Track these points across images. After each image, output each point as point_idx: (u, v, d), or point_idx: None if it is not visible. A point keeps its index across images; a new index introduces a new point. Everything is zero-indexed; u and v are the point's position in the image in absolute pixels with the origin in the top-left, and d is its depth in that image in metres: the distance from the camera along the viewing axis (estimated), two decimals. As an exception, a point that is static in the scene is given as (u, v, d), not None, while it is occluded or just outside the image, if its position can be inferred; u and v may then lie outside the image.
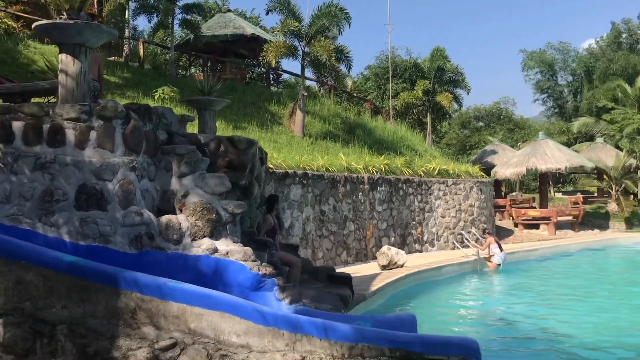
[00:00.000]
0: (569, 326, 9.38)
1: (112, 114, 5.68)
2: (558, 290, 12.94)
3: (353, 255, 15.16)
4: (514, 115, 48.77)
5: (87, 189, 5.56)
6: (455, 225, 18.65)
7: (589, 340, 8.37)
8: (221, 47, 26.22)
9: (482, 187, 20.03)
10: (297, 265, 8.33)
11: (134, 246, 5.59)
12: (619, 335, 8.72)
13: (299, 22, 19.25)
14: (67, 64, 5.90)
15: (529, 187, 41.80)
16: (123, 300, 4.40)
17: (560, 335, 8.74)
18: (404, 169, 17.83)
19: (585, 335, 8.72)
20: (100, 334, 4.38)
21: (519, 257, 17.30)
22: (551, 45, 48.05)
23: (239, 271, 5.82)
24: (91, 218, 5.52)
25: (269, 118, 20.30)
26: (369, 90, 34.66)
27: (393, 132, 24.42)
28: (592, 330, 9.02)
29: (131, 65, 21.14)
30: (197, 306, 4.46)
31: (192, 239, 5.82)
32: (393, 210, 16.72)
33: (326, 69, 20.08)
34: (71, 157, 5.60)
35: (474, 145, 43.11)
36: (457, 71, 29.90)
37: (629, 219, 24.75)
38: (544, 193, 26.12)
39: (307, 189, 13.93)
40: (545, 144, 25.33)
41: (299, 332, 4.53)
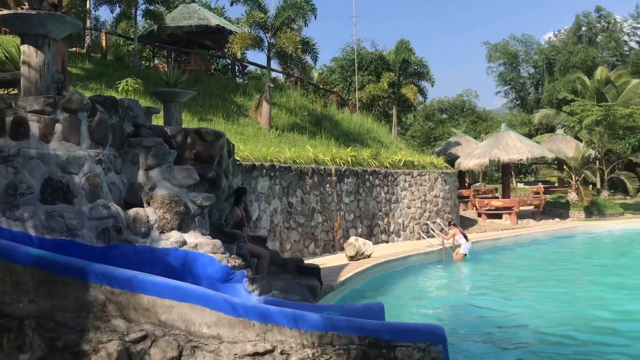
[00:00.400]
0: (532, 312, 9.68)
1: (77, 106, 5.61)
2: (520, 278, 13.30)
3: (321, 247, 15.26)
4: (477, 107, 49.65)
5: (52, 182, 5.48)
6: (421, 216, 18.93)
7: (552, 325, 8.65)
8: (185, 39, 25.91)
9: (446, 178, 20.36)
10: (266, 257, 8.37)
11: (102, 239, 5.55)
12: (581, 320, 9.03)
13: (264, 13, 19.16)
14: (29, 56, 5.79)
15: (492, 178, 42.62)
16: (93, 294, 4.39)
17: (523, 321, 9.02)
18: (370, 160, 17.99)
19: (549, 320, 9.02)
20: (69, 327, 4.35)
21: (483, 246, 17.67)
22: (514, 37, 48.91)
23: (208, 263, 5.84)
24: (57, 212, 5.45)
25: (235, 110, 20.19)
26: (335, 83, 34.74)
27: (359, 124, 24.57)
28: (556, 316, 9.32)
29: (93, 57, 20.73)
30: (168, 298, 4.47)
31: (161, 232, 5.80)
32: (360, 201, 16.87)
33: (292, 60, 20.04)
34: (36, 151, 5.51)
35: (438, 137, 43.69)
36: (421, 64, 30.21)
37: (588, 208, 25.50)
38: (507, 183, 26.68)
39: (275, 181, 13.95)
40: (508, 135, 25.85)
41: (269, 322, 4.59)
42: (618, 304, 10.09)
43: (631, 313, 9.45)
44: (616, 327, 8.59)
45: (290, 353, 4.51)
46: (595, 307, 9.83)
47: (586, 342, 7.81)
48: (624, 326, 8.61)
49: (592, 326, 8.66)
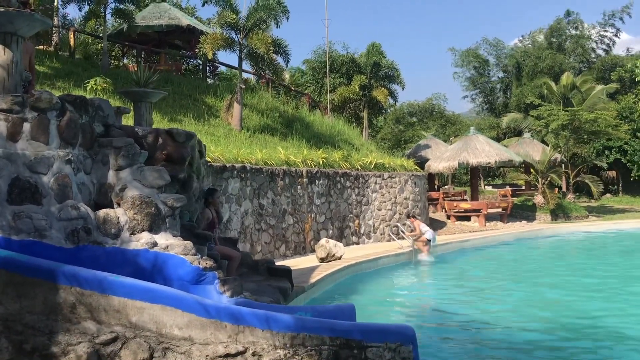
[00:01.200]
0: (501, 313, 9.86)
1: (46, 105, 5.53)
2: (488, 279, 13.53)
3: (292, 249, 15.27)
4: (446, 111, 50.31)
5: (20, 182, 5.39)
6: (391, 218, 19.09)
7: (519, 326, 8.84)
8: (156, 38, 25.67)
9: (416, 181, 20.57)
10: (237, 259, 8.36)
11: (71, 241, 5.47)
12: (547, 320, 9.25)
13: (236, 14, 19.12)
14: (-3, 53, 5.69)
15: (460, 181, 43.22)
16: (62, 295, 4.33)
17: (492, 321, 9.18)
18: (341, 162, 18.08)
19: (517, 320, 9.21)
20: (38, 329, 4.29)
21: (452, 248, 17.92)
22: (487, 40, 49.60)
23: (179, 265, 5.81)
24: (25, 212, 5.36)
25: (205, 111, 20.08)
26: (306, 84, 34.81)
27: (331, 126, 24.67)
28: (523, 316, 9.52)
29: (61, 55, 20.39)
30: (139, 300, 4.44)
31: (131, 233, 5.75)
32: (331, 203, 16.94)
33: (264, 62, 20.02)
34: (3, 150, 5.41)
35: (408, 140, 44.11)
36: (392, 67, 30.46)
37: (554, 211, 26.03)
38: (475, 186, 27.07)
39: (246, 182, 13.91)
40: (476, 138, 26.23)
41: (241, 323, 4.60)
42: (584, 305, 10.34)
43: (592, 312, 9.72)
44: (579, 326, 8.82)
45: (262, 354, 4.52)
46: (562, 308, 10.07)
47: (551, 341, 8.01)
48: (586, 324, 8.86)
49: (556, 325, 8.87)
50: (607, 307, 10.10)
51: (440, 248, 17.46)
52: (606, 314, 9.59)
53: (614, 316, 9.42)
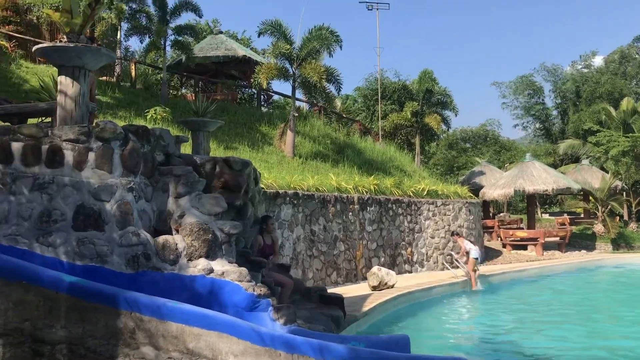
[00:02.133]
0: (560, 348, 9.48)
1: (110, 135, 5.77)
2: (547, 311, 13.06)
3: (343, 276, 15.20)
4: (500, 137, 49.45)
5: (85, 209, 5.62)
6: (445, 246, 18.78)
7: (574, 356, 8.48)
8: (213, 68, 26.42)
9: (470, 208, 20.22)
10: (289, 286, 8.39)
11: (131, 266, 5.64)
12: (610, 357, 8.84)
13: (290, 44, 19.49)
14: (66, 86, 5.99)
15: (516, 208, 42.15)
16: (122, 320, 4.45)
17: (548, 354, 8.84)
18: (393, 189, 17.97)
19: (577, 357, 8.83)
20: (99, 354, 4.41)
21: (508, 278, 17.43)
22: (544, 66, 48.77)
23: (234, 291, 5.88)
24: (89, 238, 5.57)
25: (259, 138, 20.43)
26: (358, 112, 34.98)
27: (382, 152, 24.63)
28: (584, 352, 9.12)
29: (123, 86, 21.25)
30: (196, 326, 4.51)
31: (189, 259, 5.88)
32: (383, 230, 16.82)
33: (316, 90, 20.29)
34: (69, 178, 5.66)
35: (461, 166, 43.50)
36: (445, 93, 30.30)
37: (615, 240, 25.04)
38: (532, 214, 26.37)
39: (298, 208, 14.00)
40: (532, 165, 25.64)
41: (295, 352, 4.60)
42: None
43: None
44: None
45: (315, 384, 4.50)
46: (626, 342, 9.61)
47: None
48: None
49: None
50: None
51: (496, 278, 17.04)
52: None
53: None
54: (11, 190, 5.64)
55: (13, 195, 5.64)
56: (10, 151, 5.71)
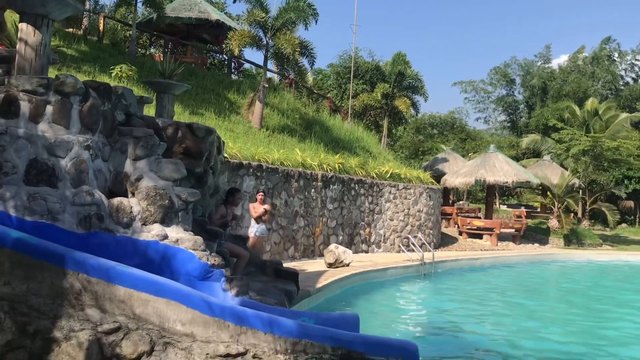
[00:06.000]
0: (506, 333, 9.74)
1: (70, 89, 5.55)
2: (495, 299, 13.39)
3: (301, 251, 15.25)
4: (467, 126, 50.10)
5: (38, 164, 5.42)
6: (403, 229, 19.00)
7: (523, 348, 8.72)
8: (184, 30, 25.78)
9: (431, 194, 20.46)
10: (245, 258, 8.34)
11: (83, 226, 5.49)
12: (551, 344, 9.12)
13: (265, 13, 19.15)
14: (27, 34, 5.74)
15: (476, 197, 42.90)
16: (69, 281, 4.34)
17: (497, 341, 9.08)
18: (357, 169, 18.03)
19: (521, 342, 9.09)
20: (42, 313, 4.30)
21: (461, 265, 17.79)
22: (515, 60, 49.43)
23: (187, 260, 5.80)
24: (40, 194, 5.39)
25: (227, 106, 20.12)
26: (329, 88, 34.79)
27: (350, 132, 24.62)
28: (529, 339, 9.39)
29: (89, 39, 20.55)
30: (145, 292, 4.44)
31: (143, 224, 5.76)
32: (344, 209, 16.89)
33: (289, 62, 20.03)
34: (24, 130, 5.44)
35: (426, 151, 43.93)
36: (417, 78, 30.36)
37: (568, 236, 25.76)
38: (490, 204, 26.86)
39: (261, 181, 13.92)
40: (495, 156, 26.04)
41: (244, 324, 4.57)
42: (593, 331, 10.18)
43: (600, 338, 9.56)
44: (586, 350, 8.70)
45: (262, 357, 4.49)
46: (571, 334, 9.93)
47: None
48: (590, 349, 8.74)
49: (560, 350, 8.75)
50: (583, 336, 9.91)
51: (449, 264, 17.36)
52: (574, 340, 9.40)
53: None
54: (-40, 138, 5.39)
55: (-38, 143, 5.40)
56: (-37, 97, 5.44)
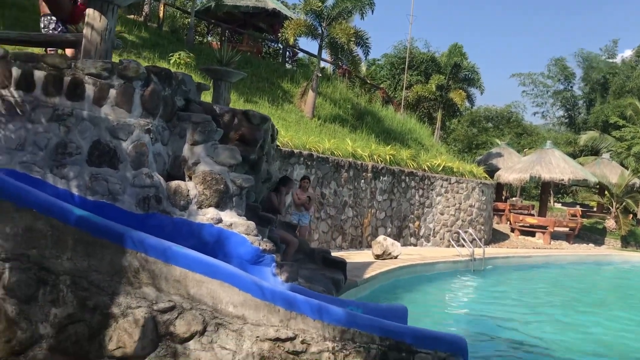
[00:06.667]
0: (557, 332, 9.53)
1: (133, 74, 5.72)
2: (547, 298, 13.08)
3: (348, 241, 15.28)
4: (524, 120, 48.81)
5: (100, 145, 5.62)
6: (453, 224, 18.76)
7: (573, 348, 8.52)
8: (241, 19, 26.06)
9: (484, 189, 20.11)
10: (294, 245, 8.43)
11: (141, 207, 5.67)
12: (602, 347, 8.87)
13: (322, 1, 19.14)
14: (94, 19, 5.92)
15: (529, 194, 41.90)
16: (128, 259, 4.49)
17: (547, 340, 8.89)
18: (409, 161, 17.88)
19: (569, 342, 8.87)
20: (101, 289, 4.47)
21: (512, 262, 17.46)
22: (581, 52, 47.20)
23: (240, 243, 5.91)
24: (102, 175, 5.59)
25: (280, 95, 20.28)
26: (382, 79, 34.54)
27: (402, 123, 24.41)
28: (579, 339, 9.16)
29: (149, 26, 21.05)
30: (199, 273, 4.54)
31: (199, 207, 5.89)
32: (393, 201, 16.80)
33: (343, 52, 19.99)
34: (88, 113, 5.65)
35: (480, 144, 43.11)
36: (473, 70, 29.78)
37: (625, 238, 24.87)
38: (544, 201, 26.20)
39: (311, 170, 13.99)
40: (552, 153, 25.35)
41: (294, 310, 4.63)
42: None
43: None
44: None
45: (310, 343, 4.54)
46: (623, 337, 9.62)
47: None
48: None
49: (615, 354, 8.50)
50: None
51: (501, 261, 17.07)
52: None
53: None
54: (29, 118, 5.63)
55: (31, 124, 5.64)
56: (32, 79, 5.68)
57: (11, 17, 14.33)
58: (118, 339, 4.42)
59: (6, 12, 14.46)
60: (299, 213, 11.01)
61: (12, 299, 4.46)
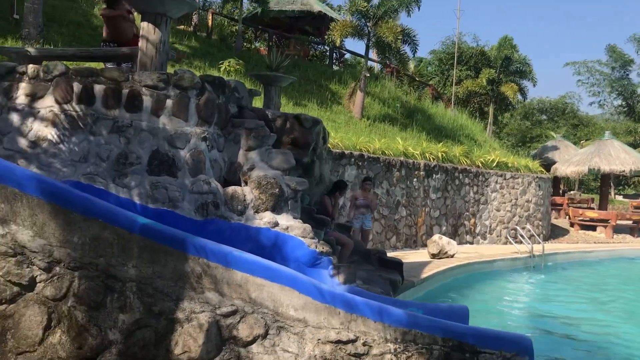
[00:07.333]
0: (620, 330, 9.19)
1: (188, 84, 5.85)
2: (611, 294, 12.62)
3: (403, 241, 15.15)
4: (579, 111, 47.24)
5: (159, 154, 5.77)
6: (510, 220, 18.34)
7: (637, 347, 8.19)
8: (287, 23, 26.28)
9: (540, 183, 19.59)
10: (349, 246, 8.43)
11: (200, 213, 5.79)
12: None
13: (367, 1, 19.10)
14: (148, 32, 6.08)
15: (588, 187, 40.53)
16: (190, 265, 4.59)
17: (611, 339, 8.58)
18: (461, 158, 17.60)
19: (636, 343, 8.53)
20: (166, 294, 4.58)
21: (573, 258, 16.93)
22: (635, 37, 45.14)
23: (297, 246, 5.95)
24: (162, 183, 5.74)
25: (329, 97, 20.33)
26: (430, 75, 34.13)
27: (453, 119, 24.06)
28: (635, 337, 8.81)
29: (199, 35, 21.50)
30: (260, 277, 4.60)
31: (255, 211, 5.97)
32: (447, 199, 16.57)
33: (391, 50, 19.88)
34: (146, 123, 5.81)
35: (534, 138, 42.01)
36: (524, 62, 29.07)
37: (694, 229, 23.69)
38: (605, 194, 25.29)
39: (362, 170, 13.95)
40: (611, 144, 24.46)
41: (354, 312, 4.62)
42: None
43: None
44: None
45: (372, 345, 4.52)
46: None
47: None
48: None
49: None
50: None
51: (561, 257, 16.58)
52: None
53: None
54: (91, 131, 5.85)
55: (93, 136, 5.86)
56: (93, 93, 5.89)
57: (68, 34, 14.91)
58: (184, 343, 4.52)
59: (63, 30, 15.05)
60: (362, 216, 10.64)
61: (82, 306, 4.63)
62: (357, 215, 10.68)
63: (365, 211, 10.71)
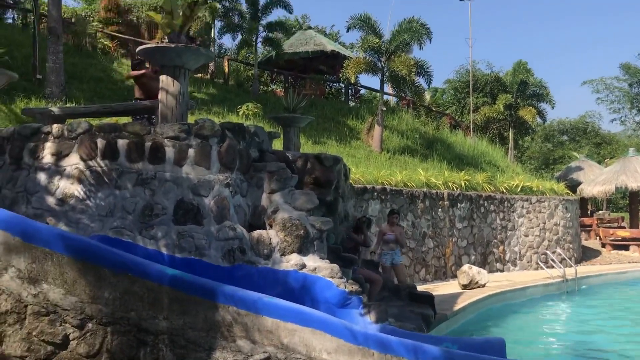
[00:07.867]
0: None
1: (209, 132, 5.95)
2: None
3: (432, 273, 14.94)
4: (601, 129, 46.74)
5: (184, 204, 5.83)
6: (539, 245, 18.02)
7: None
8: (301, 64, 26.71)
9: (567, 205, 19.28)
10: (379, 283, 8.34)
11: (227, 260, 5.80)
12: None
13: (379, 38, 19.34)
14: (167, 85, 6.24)
15: (617, 206, 39.78)
16: (220, 314, 4.57)
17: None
18: (485, 185, 17.44)
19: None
20: (198, 345, 4.56)
21: (607, 280, 16.48)
22: None
23: (326, 287, 5.91)
24: (188, 232, 5.78)
25: (347, 133, 20.45)
26: (447, 105, 34.21)
27: (473, 147, 23.96)
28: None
29: (216, 82, 21.92)
30: (290, 322, 4.56)
31: (282, 254, 5.97)
32: (474, 227, 16.36)
33: (405, 83, 20.02)
34: (170, 174, 5.90)
35: (557, 159, 41.56)
36: (540, 85, 29.02)
37: None
38: (635, 212, 24.74)
39: (386, 204, 13.88)
40: (636, 160, 24.06)
41: (388, 352, 4.54)
42: None
43: None
44: None
45: (409, 385, 4.43)
46: None
47: None
48: None
49: None
50: None
51: (595, 279, 16.16)
52: None
53: None
54: (117, 185, 5.94)
55: (118, 190, 5.95)
56: (116, 148, 6.01)
57: (89, 89, 15.32)
58: (218, 393, 4.48)
59: (84, 86, 15.47)
60: (391, 251, 10.43)
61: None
62: (386, 252, 10.50)
63: (394, 246, 10.54)
